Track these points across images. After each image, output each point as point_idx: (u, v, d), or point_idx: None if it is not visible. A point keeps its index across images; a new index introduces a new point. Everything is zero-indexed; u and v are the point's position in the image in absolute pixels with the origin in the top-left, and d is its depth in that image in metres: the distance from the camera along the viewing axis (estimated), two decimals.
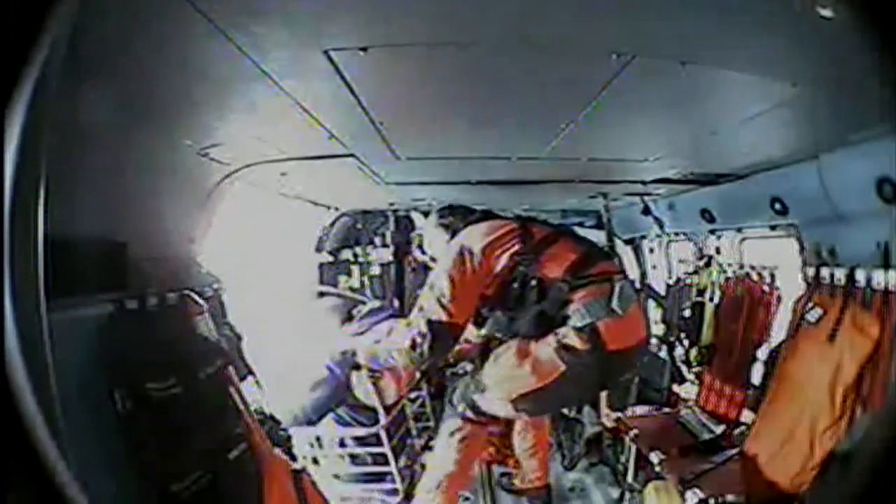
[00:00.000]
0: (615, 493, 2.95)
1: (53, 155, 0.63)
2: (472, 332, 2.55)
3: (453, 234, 2.23)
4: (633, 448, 2.75)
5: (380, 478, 2.53)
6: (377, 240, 4.38)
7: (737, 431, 2.56)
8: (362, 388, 2.49)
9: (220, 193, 2.02)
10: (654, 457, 2.44)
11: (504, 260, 2.04)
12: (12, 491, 0.54)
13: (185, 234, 1.89)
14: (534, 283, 2.01)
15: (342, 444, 2.56)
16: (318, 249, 4.18)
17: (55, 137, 0.63)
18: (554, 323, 1.99)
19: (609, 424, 3.17)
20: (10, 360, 0.55)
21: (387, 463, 2.48)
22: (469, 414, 2.21)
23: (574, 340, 1.93)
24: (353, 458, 2.54)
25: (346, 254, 4.26)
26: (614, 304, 1.97)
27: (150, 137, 1.41)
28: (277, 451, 1.96)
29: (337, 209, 4.04)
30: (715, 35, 1.04)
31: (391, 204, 4.01)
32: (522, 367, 2.01)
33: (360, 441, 2.54)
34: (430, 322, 1.96)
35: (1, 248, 0.56)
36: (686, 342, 3.14)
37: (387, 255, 4.34)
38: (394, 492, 2.51)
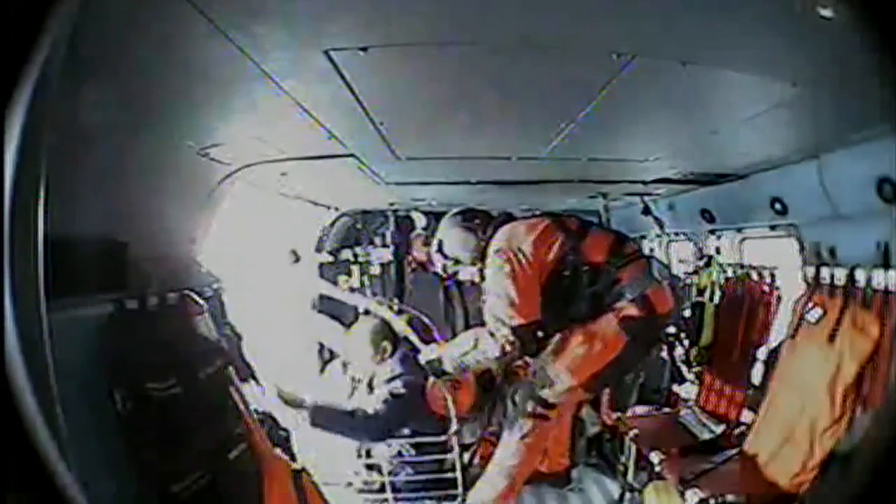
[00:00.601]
0: (615, 492, 2.95)
1: (53, 155, 0.63)
2: None
3: (484, 237, 2.39)
4: (633, 448, 2.75)
5: (440, 485, 2.58)
6: (377, 240, 4.38)
7: (737, 431, 2.55)
8: (440, 397, 2.58)
9: (220, 193, 2.02)
10: (654, 457, 2.43)
11: (554, 252, 2.25)
12: (12, 491, 0.54)
13: (186, 234, 1.89)
14: (586, 268, 2.24)
15: (399, 453, 2.60)
16: (318, 249, 4.17)
17: (55, 137, 0.63)
18: (605, 302, 2.23)
19: (609, 422, 3.18)
20: (10, 360, 0.55)
21: (452, 469, 2.54)
22: (540, 410, 2.34)
23: (633, 311, 2.20)
24: (415, 467, 2.58)
25: (346, 254, 4.25)
26: (655, 274, 2.29)
27: (151, 137, 1.41)
28: (277, 451, 1.96)
29: (337, 209, 4.04)
30: (715, 35, 1.04)
31: (391, 204, 4.01)
32: (593, 348, 2.21)
33: (421, 450, 2.60)
34: (513, 329, 2.12)
35: (1, 248, 0.56)
36: (686, 342, 3.13)
37: (387, 255, 4.34)
38: (453, 497, 2.56)
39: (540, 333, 2.24)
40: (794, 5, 0.87)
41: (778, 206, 2.32)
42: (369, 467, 2.67)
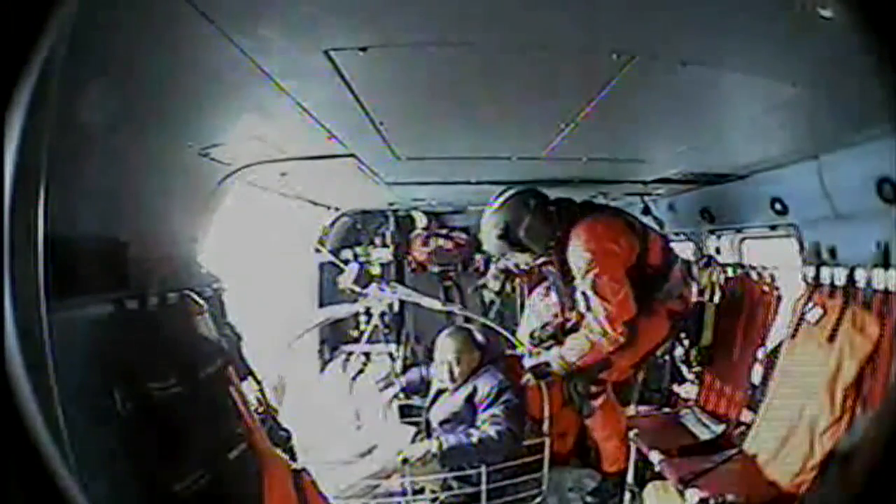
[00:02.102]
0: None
1: (53, 155, 0.63)
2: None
3: (561, 226, 2.52)
4: (633, 448, 2.75)
5: (526, 487, 2.66)
6: (377, 240, 4.38)
7: (737, 431, 2.56)
8: (537, 398, 2.75)
9: (220, 193, 2.02)
10: (654, 457, 2.43)
11: (633, 257, 2.49)
12: (12, 491, 0.54)
13: (186, 234, 1.89)
14: (650, 270, 2.55)
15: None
16: (318, 250, 4.17)
17: (55, 137, 0.63)
18: (657, 298, 2.58)
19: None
20: (10, 360, 0.55)
21: (539, 469, 2.63)
22: (596, 389, 2.65)
23: (677, 306, 2.63)
24: (503, 472, 2.59)
25: (346, 254, 4.26)
26: (688, 278, 2.71)
27: (151, 138, 1.41)
28: (278, 450, 1.96)
29: (337, 209, 4.04)
30: (715, 35, 1.04)
31: (391, 204, 4.00)
32: (647, 335, 2.57)
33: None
34: (625, 323, 2.39)
35: (1, 248, 0.56)
36: (686, 342, 3.13)
37: (387, 255, 4.34)
38: (535, 496, 2.65)
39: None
40: (793, 6, 0.87)
41: (778, 206, 2.32)
42: (461, 479, 2.59)
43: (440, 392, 2.92)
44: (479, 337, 2.98)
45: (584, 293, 2.44)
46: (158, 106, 1.28)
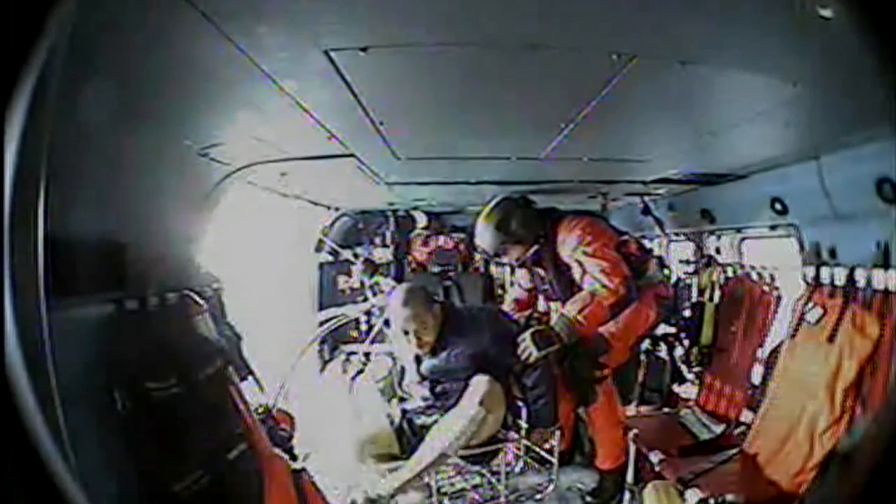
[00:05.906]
0: None
1: (53, 155, 0.63)
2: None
3: (549, 220, 2.78)
4: (633, 448, 2.75)
5: (540, 476, 2.72)
6: (377, 240, 4.38)
7: (737, 431, 2.55)
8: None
9: (220, 193, 2.02)
10: (654, 457, 2.43)
11: (614, 243, 2.71)
12: (12, 491, 0.54)
13: (186, 234, 1.89)
14: (633, 257, 2.75)
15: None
16: (318, 249, 4.17)
17: (55, 137, 0.63)
18: (640, 284, 2.70)
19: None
20: (10, 360, 0.55)
21: (551, 454, 2.64)
22: (598, 374, 2.72)
23: (662, 291, 2.87)
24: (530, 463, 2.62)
25: (346, 254, 4.26)
26: (662, 268, 2.95)
27: (151, 137, 1.41)
28: (277, 450, 1.96)
29: (337, 209, 4.04)
30: (715, 35, 1.04)
31: (391, 204, 4.01)
32: (640, 316, 2.76)
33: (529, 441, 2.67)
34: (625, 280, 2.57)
35: (1, 248, 0.56)
36: (686, 342, 3.13)
37: (387, 255, 4.35)
38: (551, 481, 2.69)
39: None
40: (794, 5, 0.87)
41: (778, 206, 2.32)
42: (490, 472, 2.61)
43: (417, 358, 2.66)
44: (430, 290, 2.77)
45: (577, 261, 2.62)
46: (158, 105, 1.28)
